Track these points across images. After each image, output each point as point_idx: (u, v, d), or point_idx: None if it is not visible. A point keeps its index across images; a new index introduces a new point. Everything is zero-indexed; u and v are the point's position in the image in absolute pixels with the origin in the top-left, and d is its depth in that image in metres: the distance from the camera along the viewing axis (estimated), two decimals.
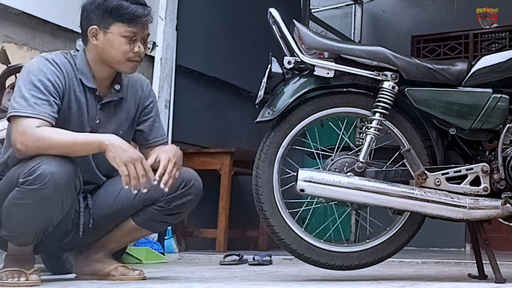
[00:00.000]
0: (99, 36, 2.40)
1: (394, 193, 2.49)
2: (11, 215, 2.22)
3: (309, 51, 2.57)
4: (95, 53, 2.42)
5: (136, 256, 3.99)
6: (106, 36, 2.39)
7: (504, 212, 2.51)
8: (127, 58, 2.40)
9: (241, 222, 5.25)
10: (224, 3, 5.63)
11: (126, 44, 2.39)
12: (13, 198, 2.19)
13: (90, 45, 2.43)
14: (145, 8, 2.42)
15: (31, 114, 2.23)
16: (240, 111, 5.72)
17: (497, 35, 7.18)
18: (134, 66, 2.43)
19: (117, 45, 2.38)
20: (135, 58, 2.41)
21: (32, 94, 2.26)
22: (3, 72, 3.29)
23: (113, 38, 2.38)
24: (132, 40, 2.39)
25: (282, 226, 2.57)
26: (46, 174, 2.14)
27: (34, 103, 2.25)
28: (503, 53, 2.65)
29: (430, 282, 2.53)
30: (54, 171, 2.15)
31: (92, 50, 2.43)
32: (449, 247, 6.47)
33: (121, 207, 2.49)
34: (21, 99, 2.26)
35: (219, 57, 5.51)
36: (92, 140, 2.26)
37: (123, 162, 2.22)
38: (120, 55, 2.39)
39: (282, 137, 2.60)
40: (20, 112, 2.24)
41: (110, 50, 2.39)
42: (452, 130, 2.59)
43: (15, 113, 2.24)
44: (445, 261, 4.10)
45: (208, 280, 2.64)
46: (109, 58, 2.40)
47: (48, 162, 2.16)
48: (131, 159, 2.22)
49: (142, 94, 2.59)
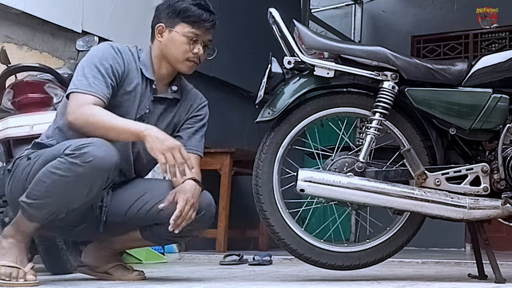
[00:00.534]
0: (164, 34, 2.52)
1: (394, 193, 2.49)
2: (41, 182, 2.21)
3: (309, 51, 2.58)
4: (158, 49, 2.54)
5: (136, 256, 3.99)
6: (170, 34, 2.51)
7: (504, 212, 2.51)
8: (186, 58, 2.52)
9: (241, 222, 5.25)
10: (224, 3, 5.62)
11: (186, 44, 2.51)
12: (51, 166, 2.21)
13: (155, 42, 2.55)
14: (211, 15, 2.56)
15: (88, 91, 2.35)
16: (240, 111, 5.72)
17: (497, 35, 7.18)
18: (191, 66, 2.55)
19: (179, 43, 2.50)
20: (193, 59, 2.54)
21: (93, 75, 2.39)
22: (3, 72, 3.29)
23: (176, 37, 2.50)
24: (193, 41, 2.51)
25: (282, 226, 2.57)
26: (90, 155, 2.17)
27: (93, 82, 2.37)
28: (503, 53, 2.65)
29: (430, 282, 2.53)
30: (98, 156, 2.19)
31: (156, 47, 2.55)
32: (449, 247, 6.48)
33: (133, 218, 2.47)
34: (82, 78, 2.39)
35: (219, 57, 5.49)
36: (132, 128, 2.33)
37: (160, 152, 2.27)
38: (180, 53, 2.51)
39: (282, 137, 2.60)
40: (79, 90, 2.36)
41: (172, 47, 2.51)
42: (452, 130, 2.59)
43: (74, 90, 2.37)
44: (445, 261, 4.10)
45: (208, 280, 2.64)
46: (169, 55, 2.52)
47: (98, 145, 2.21)
48: (168, 148, 2.27)
49: (196, 106, 2.67)
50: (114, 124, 2.32)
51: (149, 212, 2.44)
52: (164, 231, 2.43)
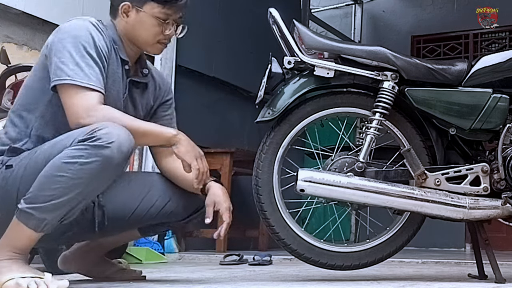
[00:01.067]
0: (131, 14, 2.27)
1: (394, 193, 2.49)
2: (55, 178, 1.94)
3: (309, 51, 2.57)
4: (124, 29, 2.29)
5: (136, 256, 3.99)
6: (138, 15, 2.26)
7: (504, 212, 2.51)
8: (157, 41, 2.29)
9: (241, 222, 5.24)
10: (224, 3, 5.63)
11: (157, 26, 2.27)
12: (67, 157, 1.95)
13: (119, 22, 2.30)
14: None
15: (90, 85, 2.08)
16: (240, 111, 5.72)
17: (497, 35, 7.18)
18: (162, 48, 2.33)
19: (149, 25, 2.26)
20: (164, 41, 2.31)
21: (87, 63, 2.11)
22: (3, 72, 3.29)
23: (145, 18, 2.26)
24: (165, 22, 2.27)
25: (282, 226, 2.57)
26: (112, 135, 1.96)
27: (90, 73, 2.10)
28: (503, 53, 2.65)
29: (430, 282, 2.53)
30: (120, 134, 1.98)
31: (121, 26, 2.30)
32: (449, 247, 6.48)
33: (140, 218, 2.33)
34: (76, 66, 2.09)
35: (219, 57, 5.52)
36: (162, 131, 2.18)
37: (194, 157, 2.17)
38: (150, 37, 2.28)
39: (282, 137, 2.60)
40: (77, 82, 2.07)
41: (140, 30, 2.27)
42: (452, 130, 2.59)
43: (70, 81, 2.07)
44: (445, 261, 4.10)
45: (208, 280, 2.64)
46: (137, 37, 2.29)
47: (112, 126, 1.99)
48: (199, 155, 2.19)
49: (164, 89, 2.49)
50: (141, 127, 2.13)
51: (160, 212, 2.33)
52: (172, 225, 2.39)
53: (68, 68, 2.08)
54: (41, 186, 1.96)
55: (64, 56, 2.10)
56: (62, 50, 2.11)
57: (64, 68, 2.08)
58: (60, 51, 2.11)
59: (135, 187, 2.33)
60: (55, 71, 2.09)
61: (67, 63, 2.09)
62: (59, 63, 2.09)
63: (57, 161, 1.96)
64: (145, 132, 2.13)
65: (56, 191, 1.95)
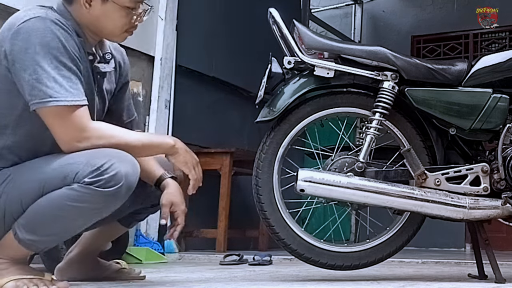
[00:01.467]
0: (95, 4, 2.03)
1: (394, 193, 2.49)
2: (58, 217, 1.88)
3: (309, 51, 2.57)
4: (85, 20, 2.05)
5: (136, 256, 3.99)
6: (105, 6, 2.03)
7: (504, 212, 2.51)
8: (125, 30, 2.10)
9: (241, 222, 5.25)
10: (224, 3, 5.63)
11: (126, 17, 2.06)
12: (72, 200, 1.85)
13: (77, 10, 2.04)
14: None
15: (75, 102, 1.90)
16: (240, 111, 5.72)
17: (497, 35, 7.18)
18: (127, 36, 2.15)
19: (117, 17, 2.05)
20: (132, 29, 2.12)
21: (64, 75, 1.90)
22: None
23: (113, 9, 2.04)
24: (133, 10, 2.07)
25: (282, 226, 2.57)
26: (121, 175, 1.86)
27: (70, 87, 1.90)
28: (503, 53, 2.65)
29: (430, 282, 2.53)
30: (128, 172, 1.88)
31: (80, 16, 2.05)
32: (449, 247, 6.48)
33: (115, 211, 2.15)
34: (54, 83, 1.88)
35: (219, 57, 5.51)
36: (161, 142, 2.08)
37: (192, 167, 2.10)
38: (117, 28, 2.08)
39: (282, 137, 2.60)
40: (62, 102, 1.88)
41: (107, 22, 2.05)
42: (452, 130, 2.59)
43: (55, 103, 1.88)
44: (445, 261, 4.10)
45: (208, 280, 2.64)
46: (102, 29, 2.07)
47: (119, 158, 1.88)
48: (196, 162, 2.12)
49: (125, 67, 2.30)
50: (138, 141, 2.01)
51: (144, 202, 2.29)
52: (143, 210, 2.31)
53: (46, 86, 1.88)
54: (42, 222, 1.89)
55: (36, 71, 1.88)
56: (32, 65, 1.89)
57: (42, 87, 1.87)
58: (30, 66, 1.89)
59: None
60: (31, 91, 1.88)
61: (43, 81, 1.88)
62: (33, 82, 1.88)
63: (61, 202, 1.86)
64: (144, 145, 2.03)
65: (59, 228, 1.93)
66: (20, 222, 1.92)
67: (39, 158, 1.98)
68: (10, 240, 1.94)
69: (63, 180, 1.87)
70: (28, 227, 1.91)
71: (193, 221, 5.00)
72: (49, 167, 1.91)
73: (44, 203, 1.89)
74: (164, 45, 4.81)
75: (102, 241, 2.48)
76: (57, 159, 1.92)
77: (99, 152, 1.90)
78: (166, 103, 4.82)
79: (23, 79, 1.90)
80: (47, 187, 1.89)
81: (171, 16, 4.89)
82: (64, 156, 1.92)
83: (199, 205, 5.06)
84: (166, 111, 4.79)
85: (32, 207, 1.90)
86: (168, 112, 4.83)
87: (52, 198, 1.87)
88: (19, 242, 1.93)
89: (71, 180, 1.87)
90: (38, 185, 1.90)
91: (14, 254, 1.96)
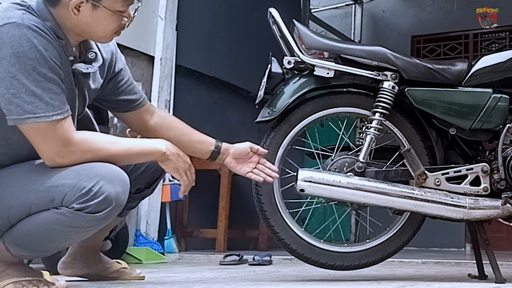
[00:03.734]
0: (84, 10, 1.89)
1: (394, 193, 2.49)
2: (49, 239, 1.85)
3: (309, 51, 2.58)
4: (71, 23, 1.92)
5: (136, 256, 3.99)
6: (95, 12, 1.90)
7: (504, 212, 2.51)
8: (114, 32, 1.99)
9: (241, 222, 5.25)
10: (224, 3, 5.63)
11: (117, 21, 1.95)
12: (60, 224, 1.81)
13: (63, 14, 1.90)
14: None
15: (57, 114, 1.81)
16: (240, 111, 5.72)
17: (497, 35, 7.18)
18: (116, 36, 2.03)
19: (108, 23, 1.93)
20: (121, 30, 2.00)
21: (43, 87, 1.79)
22: None
23: (104, 14, 1.91)
24: (123, 13, 1.95)
25: (282, 226, 2.57)
26: (111, 198, 1.81)
27: (51, 99, 1.80)
28: (503, 53, 2.65)
29: (430, 282, 2.53)
30: (118, 193, 1.83)
31: (65, 20, 1.91)
32: (449, 247, 6.48)
33: None
34: (32, 97, 1.77)
35: (219, 57, 5.51)
36: (151, 149, 2.00)
37: (183, 172, 2.05)
38: (108, 33, 1.97)
39: (282, 137, 2.60)
40: (42, 118, 1.79)
41: (97, 27, 1.93)
42: (452, 130, 2.59)
43: (35, 120, 1.78)
44: (445, 261, 4.10)
45: (208, 280, 2.64)
46: (91, 34, 1.96)
47: (108, 179, 1.82)
48: (187, 166, 2.06)
49: (112, 60, 2.18)
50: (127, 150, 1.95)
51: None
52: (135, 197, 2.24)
53: (24, 101, 1.77)
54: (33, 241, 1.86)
55: (13, 85, 1.76)
56: (7, 77, 1.76)
57: (19, 102, 1.76)
58: (5, 79, 1.76)
59: None
60: (8, 106, 1.78)
61: (20, 95, 1.76)
62: (9, 96, 1.77)
63: (51, 225, 1.82)
64: (133, 154, 1.97)
65: (52, 246, 1.91)
66: (11, 239, 1.89)
67: (22, 166, 1.91)
68: (2, 250, 1.92)
69: (50, 203, 1.82)
70: (20, 245, 1.88)
71: (193, 221, 5.01)
72: (34, 187, 1.84)
73: (34, 225, 1.84)
74: (164, 45, 4.81)
75: (101, 234, 2.43)
76: (43, 178, 1.84)
77: (86, 171, 1.82)
78: (166, 103, 4.82)
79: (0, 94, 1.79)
80: (34, 208, 1.84)
81: (171, 16, 4.89)
82: (50, 175, 1.84)
83: (199, 205, 5.07)
84: (166, 111, 4.79)
85: (21, 226, 1.86)
86: (168, 112, 4.83)
87: (42, 221, 1.83)
88: (12, 255, 1.92)
89: (58, 203, 1.81)
90: (25, 204, 1.84)
91: (9, 260, 1.95)
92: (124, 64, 2.26)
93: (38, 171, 1.88)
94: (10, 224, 1.88)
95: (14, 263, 1.97)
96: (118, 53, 2.23)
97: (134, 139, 2.06)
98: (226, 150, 2.35)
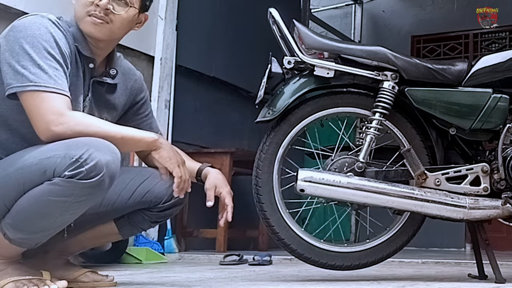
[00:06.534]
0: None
1: (394, 193, 2.49)
2: (44, 214, 1.85)
3: (309, 51, 2.58)
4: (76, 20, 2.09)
5: (136, 256, 3.99)
6: None
7: (504, 212, 2.51)
8: (86, 12, 2.03)
9: (241, 222, 5.24)
10: (224, 3, 5.63)
11: None
12: (55, 195, 1.81)
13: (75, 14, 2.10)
14: None
15: (57, 89, 1.89)
16: (240, 111, 5.72)
17: (497, 35, 7.18)
18: (94, 23, 2.03)
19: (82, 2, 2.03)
20: (94, 13, 2.02)
21: (50, 65, 1.90)
22: None
23: None
24: None
25: (282, 226, 2.57)
26: (102, 165, 1.81)
27: (55, 76, 1.90)
28: (503, 53, 2.65)
29: (430, 282, 2.53)
30: (109, 161, 1.83)
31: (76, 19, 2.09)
32: (449, 247, 6.48)
33: (111, 208, 2.16)
34: (38, 69, 1.88)
35: (219, 57, 5.52)
36: (143, 136, 2.03)
37: (177, 164, 2.05)
38: (81, 9, 2.04)
39: (282, 137, 2.60)
40: (44, 87, 1.87)
41: (76, 6, 2.06)
42: (452, 130, 2.59)
43: (35, 88, 1.86)
44: (445, 261, 4.10)
45: (208, 280, 2.64)
46: (76, 17, 2.07)
47: (97, 147, 1.82)
48: (181, 161, 2.06)
49: (135, 86, 2.30)
50: (118, 133, 1.96)
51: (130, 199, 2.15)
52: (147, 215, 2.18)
53: (29, 72, 1.87)
54: (29, 220, 1.86)
55: (23, 58, 1.89)
56: (19, 52, 1.90)
57: (25, 72, 1.87)
58: (17, 53, 1.90)
59: None
60: (14, 75, 1.88)
61: (28, 66, 1.88)
62: (17, 67, 1.88)
63: (45, 198, 1.82)
64: (124, 138, 1.97)
65: (48, 224, 1.89)
66: (7, 222, 1.89)
67: (14, 154, 1.94)
68: (1, 239, 1.92)
69: (43, 176, 1.83)
70: (16, 226, 1.88)
71: (193, 221, 5.01)
72: (27, 163, 1.86)
73: (29, 201, 1.85)
74: (164, 45, 4.81)
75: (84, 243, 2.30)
76: (34, 153, 1.87)
77: (76, 142, 1.84)
78: (166, 103, 4.82)
79: (9, 65, 1.90)
80: (27, 185, 1.85)
81: (171, 16, 4.89)
82: (40, 149, 1.87)
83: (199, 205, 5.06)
84: (166, 111, 4.79)
85: (16, 206, 1.87)
86: (168, 112, 4.83)
87: (36, 195, 1.83)
88: (10, 242, 1.92)
89: (51, 175, 1.82)
90: (17, 183, 1.86)
91: (8, 253, 1.95)
92: (147, 98, 2.36)
93: (30, 149, 1.91)
94: (7, 208, 1.89)
95: (14, 262, 1.96)
96: (143, 85, 2.35)
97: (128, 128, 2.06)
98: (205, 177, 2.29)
